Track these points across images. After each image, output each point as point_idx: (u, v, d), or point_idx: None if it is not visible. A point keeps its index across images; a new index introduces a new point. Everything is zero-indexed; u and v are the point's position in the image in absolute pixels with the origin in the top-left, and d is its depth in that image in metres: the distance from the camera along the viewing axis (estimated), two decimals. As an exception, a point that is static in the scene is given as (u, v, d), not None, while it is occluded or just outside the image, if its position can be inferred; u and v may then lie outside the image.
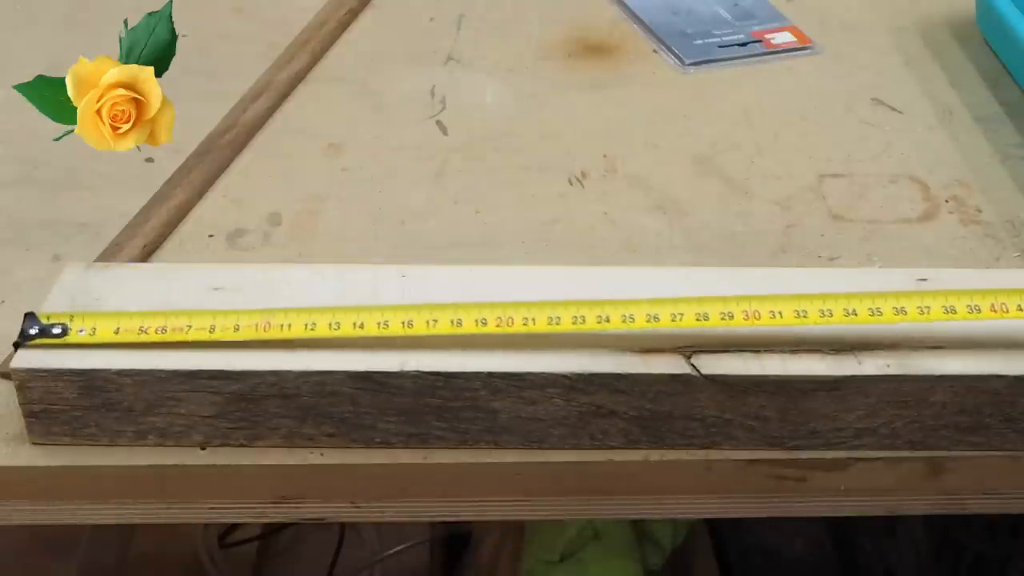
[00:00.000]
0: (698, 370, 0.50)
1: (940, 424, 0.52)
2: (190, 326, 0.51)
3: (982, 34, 0.81)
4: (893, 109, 0.76)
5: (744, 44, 0.82)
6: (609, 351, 0.51)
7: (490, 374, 0.50)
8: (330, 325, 0.51)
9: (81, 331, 0.50)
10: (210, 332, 0.50)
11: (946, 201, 0.68)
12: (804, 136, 0.73)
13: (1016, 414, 0.52)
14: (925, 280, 0.55)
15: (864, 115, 0.75)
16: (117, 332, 0.50)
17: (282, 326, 0.51)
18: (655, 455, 0.53)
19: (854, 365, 0.51)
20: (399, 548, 1.10)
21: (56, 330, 0.50)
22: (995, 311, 0.51)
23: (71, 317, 0.51)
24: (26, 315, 0.51)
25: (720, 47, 0.82)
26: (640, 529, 1.03)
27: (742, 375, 0.50)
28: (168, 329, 0.50)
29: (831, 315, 0.51)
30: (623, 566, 0.99)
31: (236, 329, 0.50)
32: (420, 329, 0.50)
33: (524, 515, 0.58)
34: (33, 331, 0.50)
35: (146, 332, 0.50)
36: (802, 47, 0.82)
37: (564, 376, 0.50)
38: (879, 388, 0.51)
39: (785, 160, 0.71)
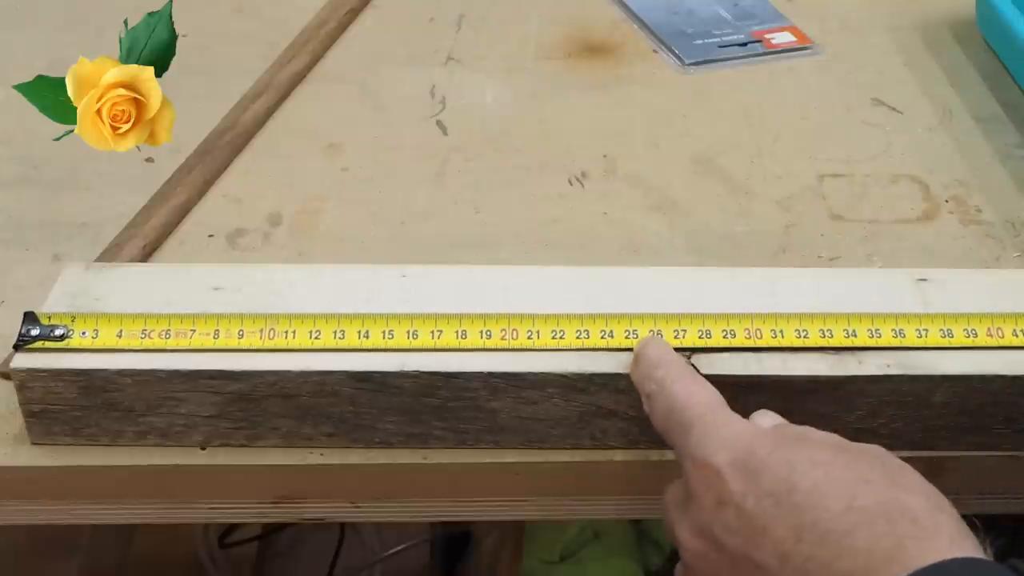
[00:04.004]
0: (698, 370, 0.50)
1: (940, 424, 0.52)
2: (194, 331, 0.51)
3: (982, 34, 0.81)
4: (893, 109, 0.76)
5: (744, 44, 0.82)
6: (609, 351, 0.51)
7: (490, 374, 0.50)
8: (335, 334, 0.51)
9: (84, 333, 0.50)
10: (214, 339, 0.50)
11: (946, 201, 0.68)
12: (804, 136, 0.73)
13: (1016, 414, 0.52)
14: (925, 280, 0.55)
15: (864, 115, 0.75)
16: (120, 336, 0.50)
17: (286, 334, 0.51)
18: (655, 455, 0.53)
19: (854, 365, 0.51)
20: (399, 548, 1.10)
21: (58, 332, 0.50)
22: (991, 336, 0.51)
23: (73, 318, 0.51)
24: (25, 315, 0.51)
25: (720, 47, 0.82)
26: (640, 529, 1.03)
27: (742, 375, 0.50)
28: (172, 334, 0.50)
29: (831, 336, 0.51)
30: (623, 566, 0.99)
31: (240, 336, 0.50)
32: (424, 341, 0.51)
33: (524, 515, 0.57)
34: (34, 332, 0.50)
35: (149, 337, 0.50)
36: (802, 47, 0.82)
37: (564, 376, 0.50)
38: (879, 388, 0.51)
39: (785, 160, 0.71)
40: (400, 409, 0.51)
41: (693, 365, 0.50)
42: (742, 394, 0.51)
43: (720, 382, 0.50)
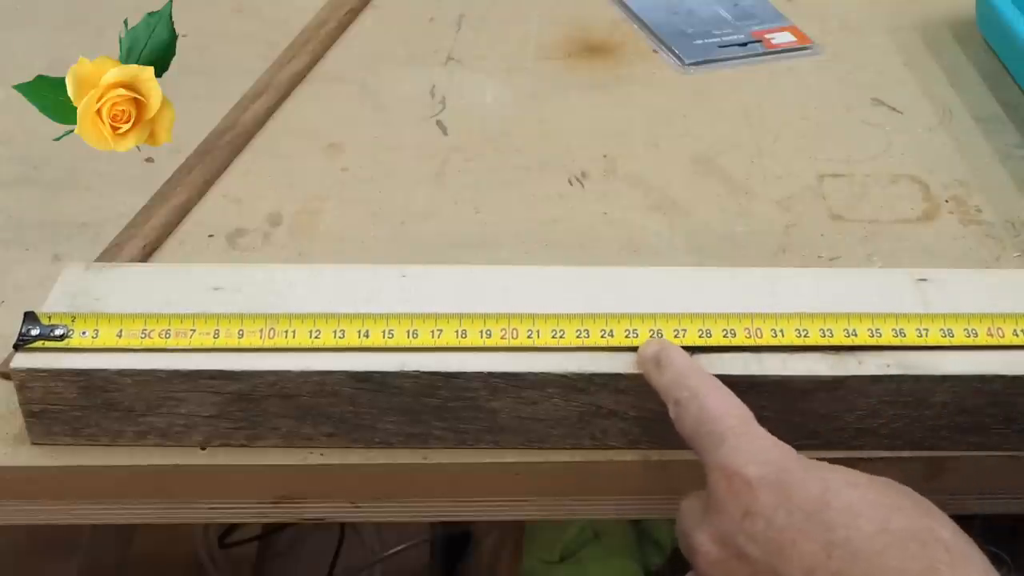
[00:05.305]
0: (698, 370, 0.50)
1: (940, 424, 0.52)
2: (194, 331, 0.51)
3: (982, 34, 0.81)
4: (893, 109, 0.76)
5: (744, 44, 0.82)
6: (609, 350, 0.51)
7: (490, 374, 0.50)
8: (335, 334, 0.51)
9: (84, 333, 0.50)
10: (214, 338, 0.50)
11: (946, 201, 0.68)
12: (804, 136, 0.73)
13: (1016, 414, 0.52)
14: (925, 280, 0.55)
15: (864, 115, 0.75)
16: (120, 336, 0.50)
17: (286, 333, 0.51)
18: (655, 455, 0.53)
19: (854, 365, 0.51)
20: (399, 548, 1.10)
21: (58, 332, 0.50)
22: (991, 336, 0.51)
23: (73, 319, 0.51)
24: (25, 315, 0.51)
25: (720, 47, 0.82)
26: (640, 529, 1.03)
27: (742, 375, 0.50)
28: (172, 334, 0.50)
29: (831, 335, 0.51)
30: (623, 566, 0.99)
31: (240, 336, 0.50)
32: (424, 340, 0.50)
33: (524, 515, 0.57)
34: (34, 332, 0.50)
35: (149, 336, 0.50)
36: (802, 47, 0.82)
37: (564, 376, 0.50)
38: (879, 388, 0.51)
39: (785, 160, 0.71)
40: (400, 409, 0.51)
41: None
42: (742, 394, 0.51)
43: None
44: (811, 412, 0.51)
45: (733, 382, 0.50)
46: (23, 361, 0.50)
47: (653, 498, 0.55)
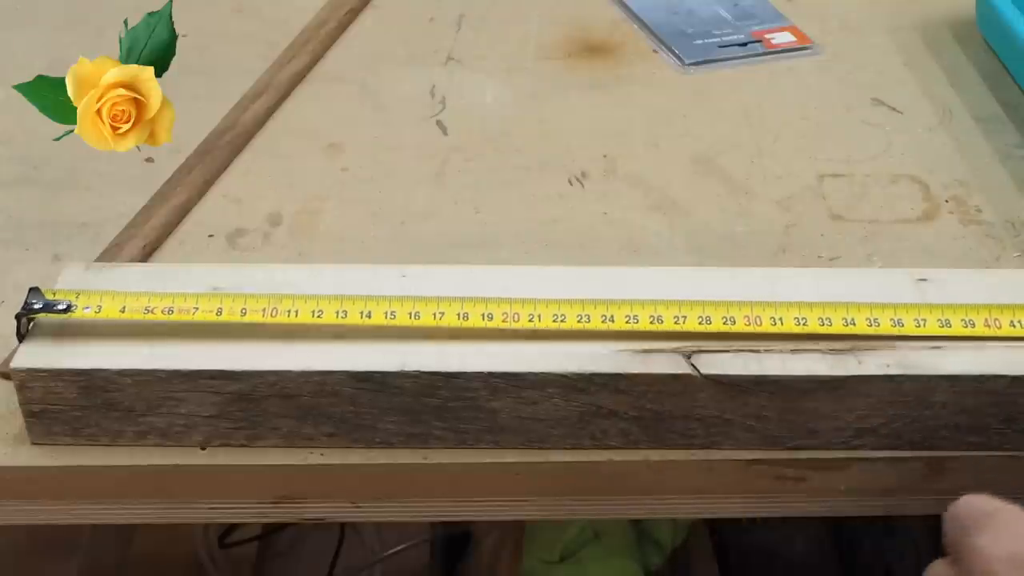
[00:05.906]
0: (698, 370, 0.50)
1: (940, 424, 0.52)
2: (196, 308, 0.51)
3: (982, 34, 0.81)
4: (893, 109, 0.76)
5: (744, 44, 0.82)
6: (609, 351, 0.51)
7: (490, 374, 0.50)
8: (337, 313, 0.51)
9: (87, 308, 0.51)
10: (216, 315, 0.51)
11: (946, 201, 0.68)
12: (804, 136, 0.73)
13: (1016, 414, 0.52)
14: (925, 280, 0.55)
15: (864, 115, 0.75)
16: (123, 311, 0.50)
17: (289, 312, 0.51)
18: (655, 455, 0.53)
19: (854, 365, 0.51)
20: (399, 548, 1.10)
21: (61, 306, 0.51)
22: (988, 326, 0.52)
23: (77, 295, 0.51)
24: (30, 289, 0.51)
25: (720, 47, 0.82)
26: (640, 529, 1.03)
27: (742, 375, 0.50)
28: (175, 311, 0.51)
29: (830, 324, 0.51)
30: (623, 566, 0.99)
31: (243, 313, 0.51)
32: (427, 321, 0.51)
33: (524, 515, 0.58)
34: (37, 305, 0.51)
35: (152, 312, 0.51)
36: (802, 47, 0.82)
37: (564, 376, 0.50)
38: (879, 388, 0.51)
39: (785, 160, 0.71)
40: (400, 409, 0.51)
41: (693, 365, 0.50)
42: (742, 394, 0.51)
43: (720, 382, 0.50)
44: (811, 412, 0.51)
45: (733, 383, 0.50)
46: (23, 361, 0.50)
47: (653, 498, 0.55)
